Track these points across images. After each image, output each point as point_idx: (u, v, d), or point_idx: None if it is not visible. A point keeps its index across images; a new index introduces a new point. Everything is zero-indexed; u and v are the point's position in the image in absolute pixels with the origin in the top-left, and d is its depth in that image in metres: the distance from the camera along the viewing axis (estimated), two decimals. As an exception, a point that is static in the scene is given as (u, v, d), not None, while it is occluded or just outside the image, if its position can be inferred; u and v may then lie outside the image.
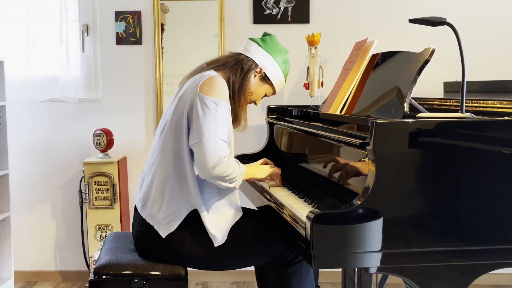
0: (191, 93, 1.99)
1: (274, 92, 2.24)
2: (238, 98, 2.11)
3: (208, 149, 1.89)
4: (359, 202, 1.55)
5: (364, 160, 1.70)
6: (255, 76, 2.16)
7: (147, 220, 2.04)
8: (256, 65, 2.15)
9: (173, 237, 2.00)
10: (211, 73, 2.06)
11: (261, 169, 2.19)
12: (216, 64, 2.15)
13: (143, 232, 2.06)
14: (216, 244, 2.00)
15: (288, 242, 2.04)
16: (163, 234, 2.00)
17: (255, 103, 2.25)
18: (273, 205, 2.00)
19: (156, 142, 2.10)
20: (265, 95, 2.24)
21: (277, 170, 2.23)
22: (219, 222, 2.02)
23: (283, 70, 2.21)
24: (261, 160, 2.30)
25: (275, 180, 2.23)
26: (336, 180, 1.95)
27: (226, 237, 2.02)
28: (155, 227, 2.01)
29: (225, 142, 1.94)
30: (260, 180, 2.22)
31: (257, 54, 2.17)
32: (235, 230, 2.04)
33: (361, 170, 1.74)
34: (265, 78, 2.18)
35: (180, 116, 2.00)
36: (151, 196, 2.05)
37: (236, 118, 2.13)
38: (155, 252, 2.04)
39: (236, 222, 2.07)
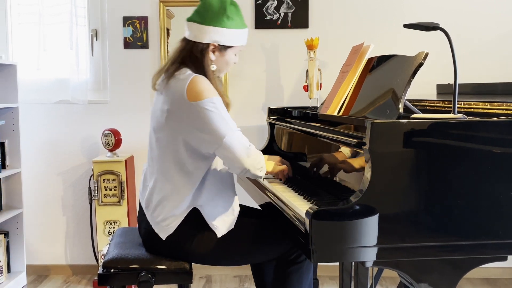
0: (180, 105, 1.89)
1: (241, 46, 2.07)
2: (212, 82, 1.97)
3: (232, 146, 1.86)
4: (356, 199, 1.55)
5: (361, 159, 1.70)
6: (214, 52, 1.99)
7: (150, 223, 2.01)
8: (208, 45, 1.98)
9: (173, 238, 1.97)
10: (184, 75, 1.93)
11: (269, 164, 2.13)
12: (178, 63, 1.99)
13: (149, 233, 2.03)
14: (219, 235, 1.96)
15: (291, 240, 2.03)
16: (163, 236, 1.97)
17: (233, 64, 2.10)
18: (273, 202, 2.00)
19: (154, 145, 2.03)
20: (235, 54, 2.08)
21: (284, 170, 2.17)
22: (220, 215, 1.99)
23: (233, 25, 1.99)
24: (277, 157, 2.27)
25: (280, 176, 2.19)
26: (334, 178, 1.95)
27: (231, 227, 1.99)
28: (156, 230, 1.99)
29: (239, 130, 1.92)
30: (271, 174, 2.18)
31: (201, 34, 1.97)
32: (240, 228, 2.02)
33: (358, 168, 1.74)
34: (225, 48, 2.01)
35: (175, 130, 1.92)
36: (153, 200, 2.01)
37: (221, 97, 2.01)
38: (161, 251, 2.03)
39: (242, 221, 2.05)
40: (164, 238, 1.97)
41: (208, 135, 1.87)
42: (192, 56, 1.99)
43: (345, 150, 1.87)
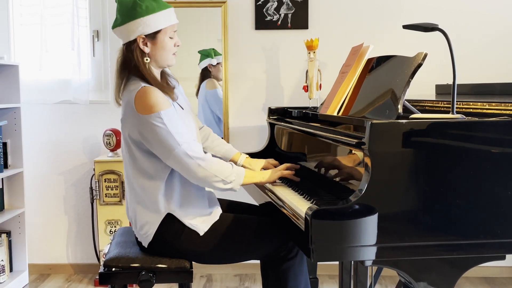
0: (131, 117, 1.91)
1: (171, 26, 1.99)
2: (150, 75, 1.97)
3: (180, 158, 1.87)
4: (356, 199, 1.55)
5: (360, 159, 1.70)
6: (146, 45, 1.97)
7: (134, 232, 2.08)
8: (134, 41, 1.95)
9: (155, 245, 2.00)
10: (134, 86, 1.93)
11: (265, 174, 2.11)
12: (122, 73, 1.99)
13: (137, 241, 2.10)
14: (201, 233, 1.97)
15: (282, 238, 2.03)
16: (145, 244, 2.01)
17: (177, 49, 2.05)
18: (273, 202, 2.00)
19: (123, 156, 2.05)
20: (171, 37, 2.01)
21: (284, 172, 2.13)
22: (197, 216, 2.00)
23: (150, 11, 1.93)
24: (264, 161, 2.29)
25: (284, 174, 2.14)
26: (334, 178, 1.95)
27: (211, 223, 2.00)
28: (139, 239, 2.04)
29: (190, 142, 1.89)
30: (261, 183, 2.15)
31: (127, 33, 1.95)
32: (226, 225, 2.03)
33: (357, 168, 1.74)
34: (153, 36, 1.97)
35: (129, 137, 1.94)
36: (129, 210, 2.07)
37: (169, 91, 2.00)
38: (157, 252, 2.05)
39: (226, 217, 2.06)
40: (146, 246, 2.01)
41: (157, 149, 1.90)
42: (128, 60, 1.97)
43: (345, 150, 1.87)
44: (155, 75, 2.02)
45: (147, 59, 1.98)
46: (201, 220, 2.00)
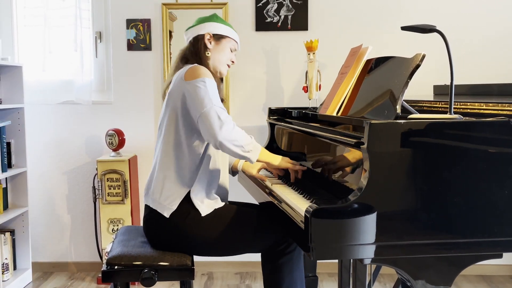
0: (178, 85, 2.05)
1: (235, 43, 2.27)
2: (207, 66, 2.17)
3: (209, 115, 1.93)
4: (355, 198, 1.55)
5: (359, 159, 1.70)
6: (210, 42, 2.21)
7: (151, 205, 2.08)
8: (202, 35, 2.21)
9: (175, 217, 2.03)
10: (189, 66, 2.11)
11: (278, 158, 2.15)
12: (185, 59, 2.21)
13: (147, 215, 2.10)
14: (203, 214, 2.03)
15: (282, 232, 2.05)
16: (167, 214, 2.04)
17: (231, 63, 2.28)
18: (273, 201, 2.01)
19: (157, 136, 2.17)
20: (231, 51, 2.26)
21: (295, 167, 2.16)
22: (204, 197, 2.07)
23: (224, 23, 2.25)
24: (262, 164, 2.31)
25: (291, 174, 2.17)
26: (333, 177, 1.95)
27: (211, 209, 2.06)
28: (158, 210, 2.05)
29: (224, 109, 1.98)
30: (274, 167, 2.20)
31: (197, 30, 2.22)
32: (228, 213, 2.08)
33: (356, 167, 1.74)
34: (219, 37, 2.22)
35: (173, 109, 2.06)
36: (152, 183, 2.11)
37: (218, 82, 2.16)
38: (160, 234, 2.06)
39: (232, 207, 2.12)
40: (168, 216, 2.03)
41: (192, 106, 2.00)
42: (190, 50, 2.21)
43: (344, 150, 1.87)
44: (210, 71, 2.16)
45: (208, 53, 2.21)
46: (205, 203, 2.06)
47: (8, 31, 3.51)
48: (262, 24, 3.42)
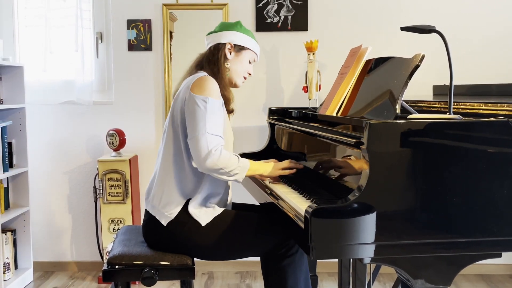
0: (184, 93, 2.04)
1: (255, 54, 2.25)
2: (222, 79, 2.11)
3: (199, 143, 1.92)
4: (354, 198, 1.55)
5: (359, 158, 1.70)
6: (230, 53, 2.17)
7: (150, 211, 2.08)
8: (224, 44, 2.16)
9: (173, 225, 2.02)
10: (201, 74, 2.09)
11: (268, 168, 2.15)
12: (200, 65, 2.18)
13: (147, 221, 2.10)
14: (203, 224, 2.00)
15: (282, 235, 2.04)
16: (164, 222, 2.02)
17: (248, 76, 2.26)
18: (274, 200, 2.01)
19: (161, 139, 2.16)
20: (250, 62, 2.24)
21: (285, 172, 2.17)
22: (202, 206, 2.04)
23: (246, 32, 2.21)
24: (271, 160, 2.29)
25: (286, 174, 2.17)
26: (333, 177, 1.95)
27: (211, 218, 2.02)
28: (157, 217, 2.04)
29: (217, 136, 1.95)
30: (264, 177, 2.19)
31: (219, 37, 2.18)
32: (228, 219, 2.05)
33: (356, 167, 1.74)
34: (240, 49, 2.19)
35: (176, 115, 2.05)
36: (153, 189, 2.10)
37: (227, 101, 2.13)
38: (159, 240, 2.06)
39: (231, 213, 2.09)
40: (165, 224, 2.02)
41: (188, 124, 1.99)
42: (209, 57, 2.17)
43: (344, 150, 1.87)
44: (225, 82, 2.13)
45: (227, 64, 2.17)
46: (203, 212, 2.03)
47: (9, 31, 3.51)
48: (262, 24, 3.42)
